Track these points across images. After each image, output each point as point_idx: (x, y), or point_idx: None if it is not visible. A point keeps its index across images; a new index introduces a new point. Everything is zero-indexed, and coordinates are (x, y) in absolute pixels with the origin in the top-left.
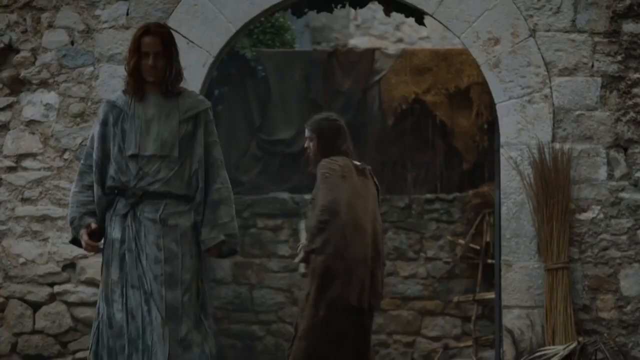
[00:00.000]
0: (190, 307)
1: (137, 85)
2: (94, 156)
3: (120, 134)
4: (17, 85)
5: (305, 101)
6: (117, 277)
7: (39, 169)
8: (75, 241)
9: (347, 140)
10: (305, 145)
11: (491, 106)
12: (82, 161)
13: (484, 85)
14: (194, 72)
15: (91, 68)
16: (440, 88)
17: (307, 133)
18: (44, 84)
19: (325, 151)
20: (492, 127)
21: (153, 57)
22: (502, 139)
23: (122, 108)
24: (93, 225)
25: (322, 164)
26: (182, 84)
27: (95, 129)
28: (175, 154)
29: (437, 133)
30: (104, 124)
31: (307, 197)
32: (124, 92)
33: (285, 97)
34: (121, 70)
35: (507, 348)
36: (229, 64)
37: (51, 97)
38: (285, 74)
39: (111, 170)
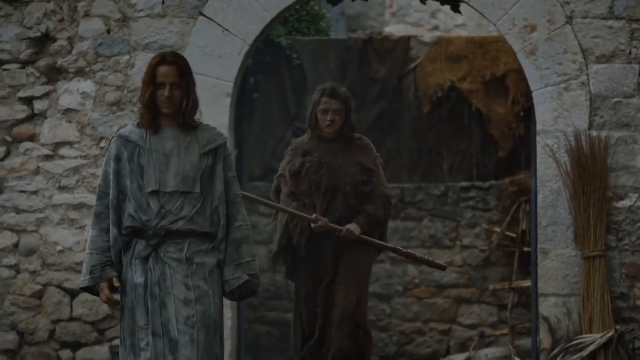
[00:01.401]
0: (221, 355)
1: (152, 117)
2: (110, 196)
3: (138, 170)
4: (54, 74)
5: None
6: (145, 324)
7: (76, 158)
8: (89, 288)
9: None
10: (330, 118)
11: (527, 94)
12: (97, 201)
13: (520, 73)
14: (230, 61)
15: (127, 57)
16: (476, 76)
17: (333, 105)
18: (80, 73)
19: (354, 124)
20: (528, 115)
21: (169, 88)
22: (539, 127)
23: (137, 142)
24: (117, 283)
25: (374, 150)
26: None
27: (108, 166)
28: (197, 189)
29: (473, 121)
30: (118, 160)
31: None
32: (138, 125)
33: (320, 85)
34: None
35: (544, 336)
36: (265, 52)
37: (88, 85)
38: (320, 62)
39: (130, 209)
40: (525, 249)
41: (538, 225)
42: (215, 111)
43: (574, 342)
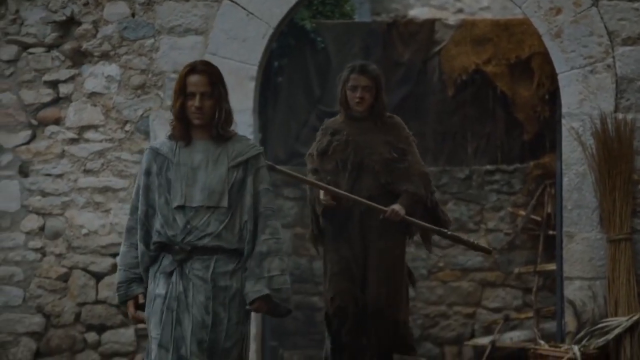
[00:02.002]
0: None
1: (183, 129)
2: (139, 210)
3: (165, 184)
4: (79, 58)
5: None
6: (157, 335)
7: (101, 141)
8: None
9: None
10: (359, 95)
11: (553, 76)
12: (129, 215)
13: (545, 56)
14: (254, 44)
15: (152, 40)
16: (501, 58)
17: (362, 81)
18: (105, 56)
19: (385, 102)
20: (553, 98)
21: (200, 98)
22: (564, 110)
23: (166, 155)
24: (141, 300)
25: (406, 129)
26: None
27: (139, 179)
28: (225, 204)
29: (497, 104)
30: (148, 173)
31: None
32: (170, 137)
33: (344, 68)
34: (182, 43)
35: (569, 319)
36: (289, 35)
37: (112, 69)
38: (344, 45)
39: (157, 224)
40: (550, 232)
41: (563, 208)
42: (239, 95)
43: (599, 325)
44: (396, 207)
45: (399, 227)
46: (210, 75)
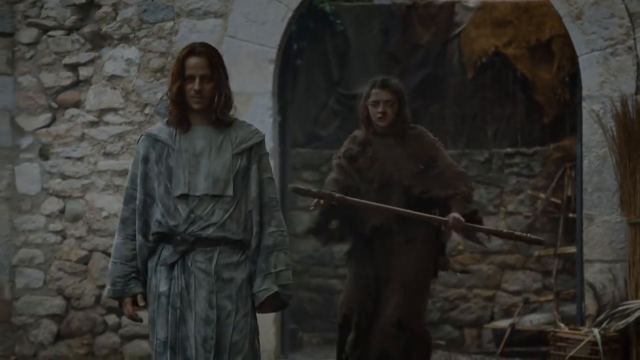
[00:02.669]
0: None
1: (181, 114)
2: (137, 199)
3: (165, 172)
4: (99, 41)
5: (384, 55)
6: (164, 337)
7: (121, 124)
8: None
9: None
10: (381, 110)
11: (573, 59)
12: (123, 205)
13: (565, 38)
14: (273, 27)
15: (171, 23)
16: (521, 41)
17: (384, 96)
18: (124, 39)
19: (408, 117)
20: (573, 80)
21: (199, 81)
22: (584, 92)
23: (165, 142)
24: (141, 302)
25: (430, 136)
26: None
27: (135, 167)
28: (230, 192)
29: (517, 86)
30: (145, 161)
31: None
32: (167, 123)
33: (364, 51)
34: (201, 25)
35: (589, 302)
36: (308, 18)
37: (132, 52)
38: (364, 27)
39: (157, 214)
40: (570, 215)
41: (583, 191)
42: (258, 77)
43: (620, 308)
44: (455, 215)
45: (423, 242)
46: (210, 57)
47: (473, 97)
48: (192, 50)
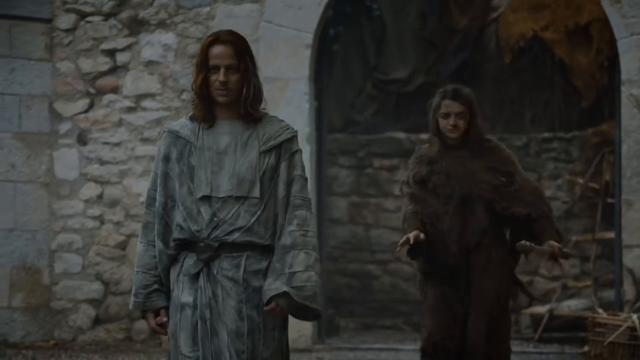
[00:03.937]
0: None
1: (206, 108)
2: (156, 202)
3: (187, 172)
4: (136, 26)
5: (420, 40)
6: (189, 352)
7: (158, 110)
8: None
9: None
10: (452, 122)
11: (612, 43)
12: (145, 209)
13: (604, 22)
14: (310, 12)
15: (208, 8)
16: (559, 25)
17: (455, 107)
18: (161, 25)
19: (481, 128)
20: (612, 64)
21: (224, 72)
22: (623, 76)
23: (187, 139)
24: (163, 318)
25: (506, 149)
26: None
27: (157, 167)
28: (256, 194)
29: (555, 71)
30: (166, 159)
31: (424, 136)
32: (191, 118)
33: (400, 36)
34: (238, 11)
35: (628, 288)
36: (344, 3)
37: (169, 37)
38: (400, 12)
39: (178, 218)
40: (609, 200)
41: (622, 176)
42: (295, 63)
43: None
44: (553, 243)
45: (502, 262)
46: (236, 45)
47: (510, 82)
48: (217, 38)
